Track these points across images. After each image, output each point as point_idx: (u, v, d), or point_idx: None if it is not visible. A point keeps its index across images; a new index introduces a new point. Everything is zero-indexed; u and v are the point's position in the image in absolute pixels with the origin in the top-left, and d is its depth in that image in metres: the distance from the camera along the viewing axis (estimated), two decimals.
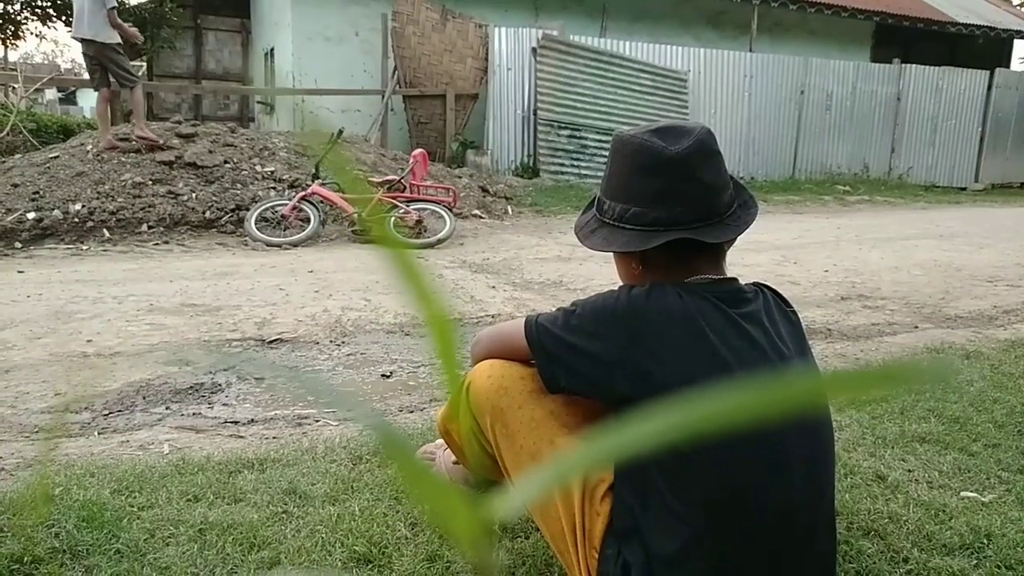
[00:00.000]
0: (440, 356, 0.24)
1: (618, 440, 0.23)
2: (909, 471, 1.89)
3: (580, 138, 9.86)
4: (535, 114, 9.64)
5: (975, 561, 1.49)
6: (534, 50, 9.64)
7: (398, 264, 0.24)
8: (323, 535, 1.51)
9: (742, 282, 1.29)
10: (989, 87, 12.94)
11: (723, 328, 1.16)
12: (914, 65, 12.52)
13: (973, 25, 13.70)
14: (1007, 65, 14.93)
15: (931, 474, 1.88)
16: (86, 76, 7.04)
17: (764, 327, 1.20)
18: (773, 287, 1.33)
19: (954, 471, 1.90)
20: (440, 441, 1.74)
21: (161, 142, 6.51)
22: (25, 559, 1.38)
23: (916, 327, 3.64)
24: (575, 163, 9.81)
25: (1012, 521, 1.64)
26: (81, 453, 1.98)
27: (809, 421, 1.18)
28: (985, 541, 1.55)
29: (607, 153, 1.34)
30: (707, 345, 1.14)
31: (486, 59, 9.73)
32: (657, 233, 1.20)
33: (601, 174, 1.43)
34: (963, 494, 1.77)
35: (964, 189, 12.92)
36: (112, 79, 6.35)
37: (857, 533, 1.59)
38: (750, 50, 11.61)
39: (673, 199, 1.21)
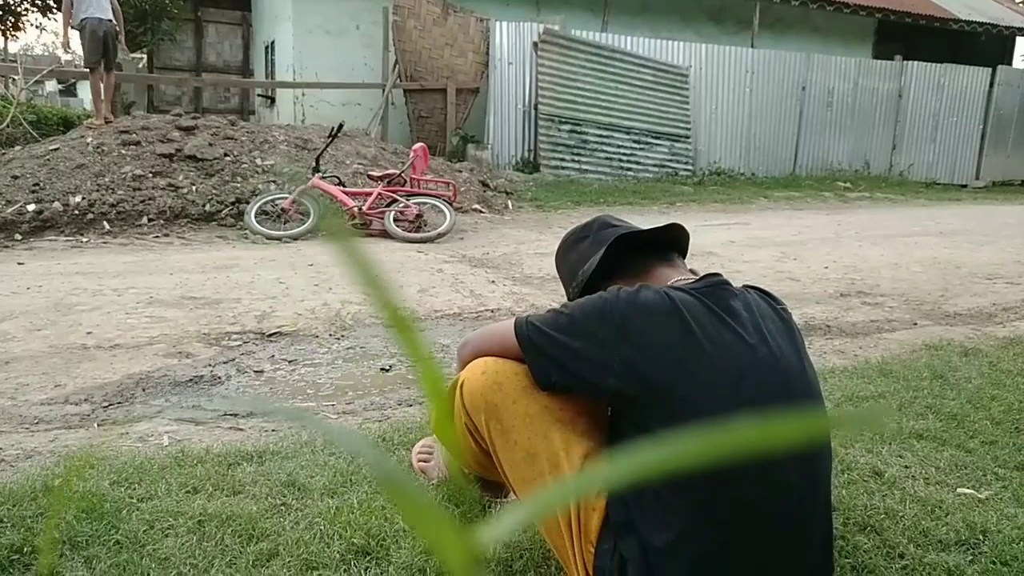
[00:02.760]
0: (409, 350, 0.25)
1: (616, 470, 0.23)
2: (906, 467, 1.90)
3: (581, 133, 9.85)
4: (536, 109, 9.63)
5: (971, 557, 1.49)
6: (535, 44, 9.62)
7: (350, 259, 0.24)
8: (321, 527, 1.52)
9: (735, 281, 1.31)
10: (991, 84, 12.92)
11: (710, 323, 1.19)
12: (916, 62, 12.50)
13: (976, 22, 13.67)
14: (1009, 62, 14.89)
15: (928, 470, 1.88)
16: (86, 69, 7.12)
17: (751, 323, 1.22)
18: (761, 287, 1.37)
19: (951, 467, 1.90)
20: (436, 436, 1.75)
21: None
22: (25, 549, 1.38)
23: (915, 324, 3.65)
24: (576, 158, 9.80)
25: (1008, 517, 1.64)
26: (81, 445, 1.98)
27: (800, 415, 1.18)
28: (981, 537, 1.56)
29: (608, 148, 1.45)
30: (694, 340, 1.17)
31: (487, 53, 9.71)
32: (603, 248, 1.40)
33: (602, 169, 1.61)
34: (960, 490, 1.78)
35: (965, 186, 12.91)
36: (104, 61, 6.91)
37: (853, 528, 1.59)
38: (752, 46, 11.59)
39: (600, 239, 1.45)
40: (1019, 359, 2.94)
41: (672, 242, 1.47)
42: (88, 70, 7.05)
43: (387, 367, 2.79)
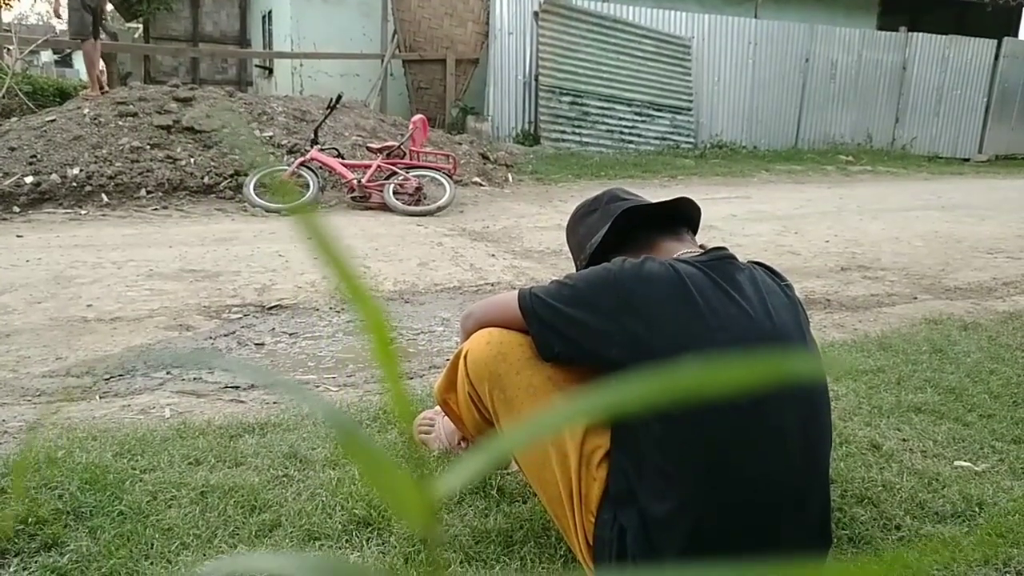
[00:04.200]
0: (370, 332, 0.24)
1: (604, 399, 0.23)
2: (904, 440, 1.91)
3: (582, 105, 9.76)
4: (536, 80, 9.54)
5: (966, 529, 1.51)
6: (536, 14, 9.50)
7: (310, 234, 0.24)
8: (323, 498, 1.53)
9: (739, 255, 1.31)
10: (996, 56, 12.78)
11: (713, 295, 1.19)
12: (920, 33, 12.36)
13: None
14: (1015, 34, 14.71)
15: (926, 444, 1.89)
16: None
17: (755, 297, 1.22)
18: (765, 263, 1.37)
19: (948, 441, 1.91)
20: (439, 408, 1.75)
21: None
22: (29, 520, 1.40)
23: (915, 298, 3.65)
24: (576, 130, 9.73)
25: (1004, 490, 1.66)
26: (83, 417, 1.99)
27: (804, 389, 1.19)
28: (977, 509, 1.57)
29: (609, 120, 1.45)
30: (698, 311, 1.17)
31: (487, 23, 9.59)
32: (610, 220, 1.40)
33: (603, 141, 1.61)
34: (957, 463, 1.79)
35: (967, 160, 12.84)
36: (92, 29, 6.88)
37: (851, 500, 1.61)
38: (755, 16, 11.44)
39: (608, 212, 1.45)
40: (1018, 333, 2.94)
41: (682, 217, 1.46)
42: (80, 41, 6.97)
43: None
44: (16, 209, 5.31)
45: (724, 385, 0.22)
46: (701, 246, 1.41)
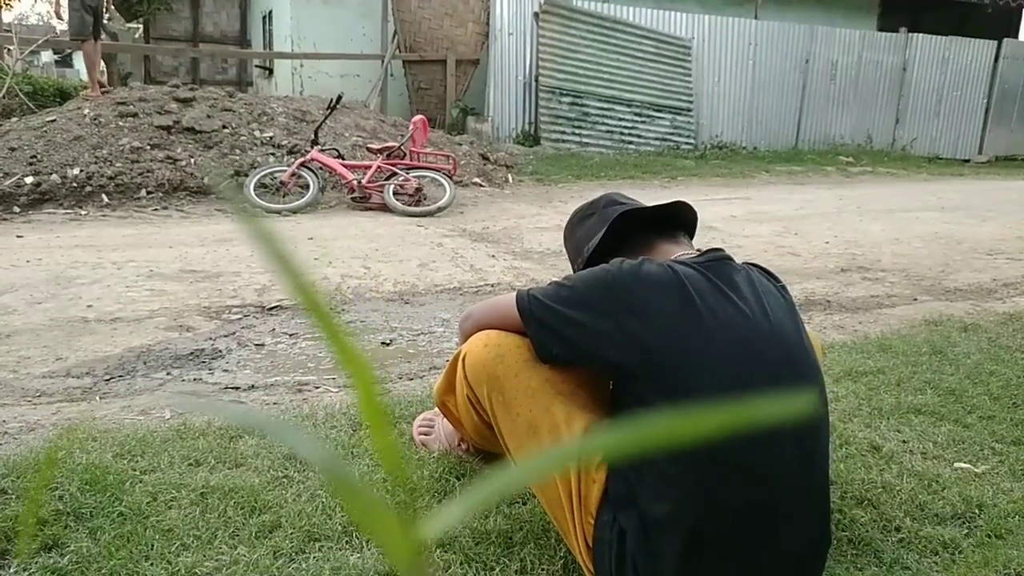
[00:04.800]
0: (326, 332, 0.24)
1: (613, 440, 0.23)
2: (904, 442, 1.91)
3: (582, 105, 9.77)
4: (537, 80, 9.54)
5: (966, 531, 1.51)
6: (536, 15, 9.50)
7: (257, 237, 0.24)
8: (323, 500, 1.53)
9: (736, 257, 1.32)
10: (996, 58, 12.78)
11: (711, 296, 1.19)
12: (921, 35, 12.36)
13: None
14: (1015, 35, 14.71)
15: (925, 445, 1.89)
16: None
17: (752, 297, 1.22)
18: (760, 264, 1.38)
19: (948, 442, 1.92)
20: (438, 410, 1.76)
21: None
22: (30, 520, 1.39)
23: (915, 299, 3.65)
24: (576, 131, 9.73)
25: (1004, 491, 1.66)
26: (83, 417, 1.99)
27: (800, 389, 1.19)
28: (977, 511, 1.57)
29: (609, 121, 1.47)
30: (696, 312, 1.17)
31: (487, 24, 9.59)
32: (606, 224, 1.41)
33: (603, 142, 1.65)
34: (956, 465, 1.79)
35: (967, 161, 12.84)
36: (92, 29, 6.90)
37: (851, 502, 1.61)
38: (755, 17, 11.44)
39: (606, 216, 1.45)
40: (1018, 335, 2.94)
41: (678, 221, 1.47)
42: (80, 41, 6.97)
43: (387, 341, 2.80)
44: (16, 209, 5.31)
45: (732, 426, 0.22)
46: (697, 249, 1.42)
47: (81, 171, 5.70)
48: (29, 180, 5.50)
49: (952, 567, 1.37)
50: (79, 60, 20.50)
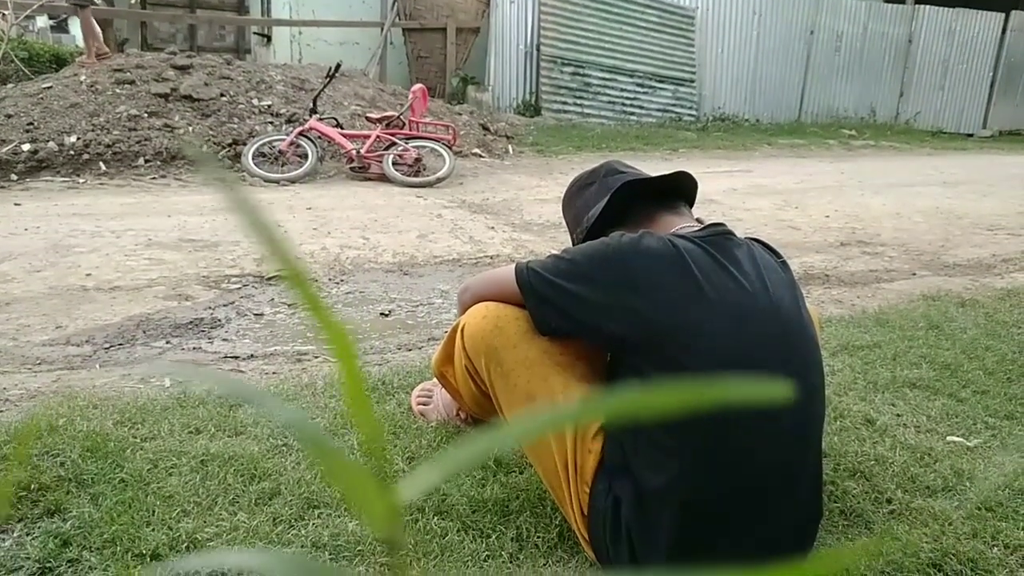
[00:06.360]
0: (305, 302, 0.25)
1: (609, 404, 0.23)
2: (898, 415, 1.93)
3: (584, 75, 9.66)
4: (538, 50, 9.42)
5: (956, 503, 1.53)
6: None
7: (237, 206, 0.24)
8: (322, 468, 1.55)
9: (737, 230, 1.32)
10: (1004, 30, 12.62)
11: (712, 271, 1.19)
12: (927, 6, 12.19)
13: None
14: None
15: (919, 419, 1.91)
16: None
17: (753, 272, 1.22)
18: (762, 239, 1.37)
19: (942, 416, 1.93)
20: (436, 380, 1.77)
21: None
22: (32, 487, 1.41)
23: (914, 274, 3.65)
24: (578, 101, 9.64)
25: (995, 465, 1.68)
26: (84, 385, 2.01)
27: (798, 364, 1.20)
28: (967, 484, 1.59)
29: (611, 91, 1.46)
30: (696, 286, 1.17)
31: None
32: (609, 194, 1.40)
33: (605, 113, 1.63)
34: (949, 438, 1.81)
35: (971, 135, 12.75)
36: None
37: (843, 474, 1.63)
38: None
39: (607, 185, 1.44)
40: (1015, 310, 2.95)
41: (679, 191, 1.46)
42: (78, 7, 6.88)
43: (386, 312, 2.81)
44: (14, 177, 5.29)
45: (725, 401, 0.22)
46: (698, 220, 1.41)
47: (78, 139, 5.66)
48: (26, 147, 5.46)
49: (942, 538, 1.39)
50: (75, 26, 20.24)
